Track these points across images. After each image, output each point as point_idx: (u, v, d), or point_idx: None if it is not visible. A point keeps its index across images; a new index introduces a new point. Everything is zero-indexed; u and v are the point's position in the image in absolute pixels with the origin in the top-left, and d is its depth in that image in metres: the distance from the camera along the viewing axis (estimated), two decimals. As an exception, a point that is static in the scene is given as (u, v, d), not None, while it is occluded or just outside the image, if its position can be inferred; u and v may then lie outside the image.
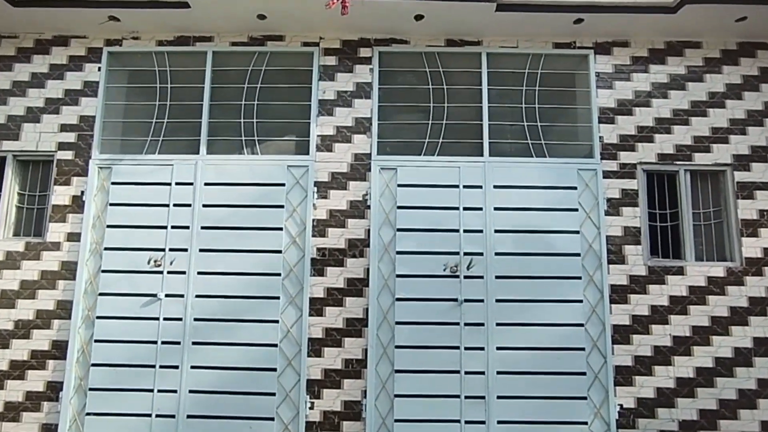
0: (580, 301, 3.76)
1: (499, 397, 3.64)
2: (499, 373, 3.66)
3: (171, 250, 3.84)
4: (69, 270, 3.87)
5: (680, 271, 3.86)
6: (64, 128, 4.09)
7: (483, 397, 3.64)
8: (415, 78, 4.14)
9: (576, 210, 3.88)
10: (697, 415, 3.68)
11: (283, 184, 3.92)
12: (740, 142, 4.01)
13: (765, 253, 3.88)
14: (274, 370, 3.68)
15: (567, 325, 3.73)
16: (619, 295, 3.82)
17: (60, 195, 3.99)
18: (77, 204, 3.96)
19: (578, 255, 3.81)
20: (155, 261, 3.82)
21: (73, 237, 3.91)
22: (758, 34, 4.07)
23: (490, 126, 4.03)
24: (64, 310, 3.82)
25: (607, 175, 3.97)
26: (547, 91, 4.13)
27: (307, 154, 3.99)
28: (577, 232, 3.85)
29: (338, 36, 4.14)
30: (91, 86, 4.15)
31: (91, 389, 3.66)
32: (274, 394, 3.66)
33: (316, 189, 3.92)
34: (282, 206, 3.89)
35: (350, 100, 4.05)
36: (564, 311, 3.74)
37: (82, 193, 3.96)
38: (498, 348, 3.69)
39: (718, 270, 3.86)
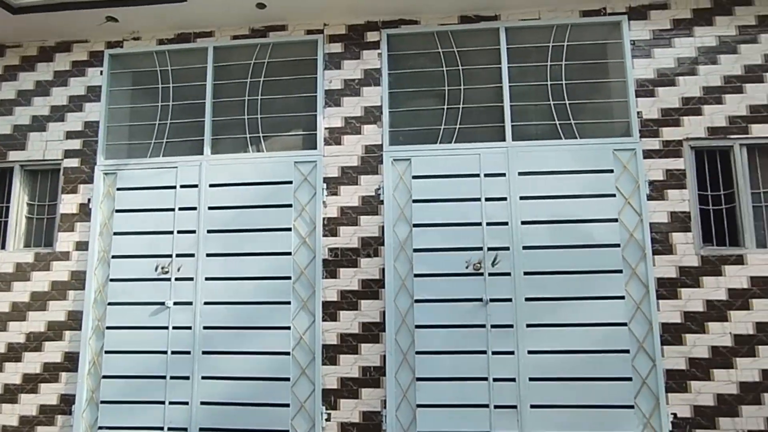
0: (622, 298, 3.46)
1: (532, 407, 3.40)
2: (531, 379, 3.42)
3: (178, 255, 3.80)
4: (79, 280, 3.89)
5: (739, 260, 3.49)
6: (69, 135, 4.13)
7: (515, 407, 3.40)
8: (427, 60, 3.94)
9: (613, 195, 3.58)
10: (765, 424, 3.31)
11: (291, 182, 3.81)
12: (806, 109, 3.59)
13: (841, 236, 3.45)
14: (288, 379, 3.58)
15: (607, 325, 3.44)
16: (667, 289, 3.49)
17: (68, 203, 4.03)
18: (84, 212, 3.99)
19: (618, 246, 3.51)
20: (162, 268, 3.79)
21: (82, 246, 3.94)
22: (823, -16, 3.64)
23: (512, 107, 3.78)
24: (75, 320, 3.85)
25: (648, 154, 3.64)
26: (576, 65, 3.84)
27: (315, 148, 3.86)
28: (616, 220, 3.54)
29: (343, 21, 3.99)
30: (95, 91, 4.18)
31: (102, 402, 3.67)
32: (288, 405, 3.55)
33: (325, 185, 3.78)
34: (290, 205, 3.77)
35: (358, 88, 3.90)
36: (603, 309, 3.45)
37: (89, 200, 3.98)
38: (529, 352, 3.44)
39: (784, 257, 3.47)
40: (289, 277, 3.69)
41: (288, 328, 3.63)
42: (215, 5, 3.81)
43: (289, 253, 3.72)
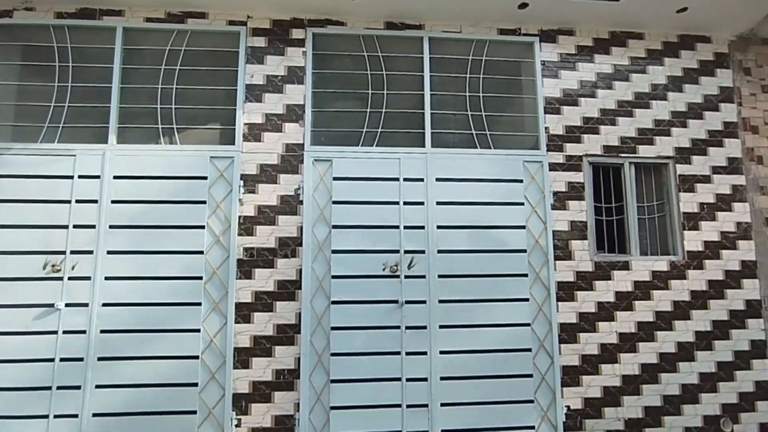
0: (527, 300, 3.72)
1: (443, 405, 3.53)
2: (442, 378, 3.56)
3: (73, 252, 3.46)
4: (-53, 278, 3.40)
5: (626, 266, 3.90)
6: (-59, 112, 3.61)
7: (426, 405, 3.51)
8: (352, 63, 3.97)
9: (522, 204, 3.84)
10: (642, 412, 3.73)
11: (206, 178, 3.64)
12: (681, 135, 4.11)
13: (705, 246, 3.99)
14: (196, 385, 3.39)
15: (513, 326, 3.68)
16: (565, 292, 3.81)
17: (-64, 190, 3.51)
18: (-43, 201, 3.50)
19: (524, 251, 3.77)
20: (53, 266, 3.43)
21: (-48, 239, 3.45)
22: (698, 27, 4.20)
23: (433, 115, 3.93)
24: (-61, 325, 3.35)
25: (553, 167, 3.96)
26: (492, 79, 4.07)
27: (233, 144, 3.72)
28: (523, 227, 3.80)
29: (268, 15, 3.90)
30: (-25, 63, 3.68)
31: (-28, 418, 3.23)
32: (195, 412, 3.37)
33: (242, 183, 3.66)
34: (204, 202, 3.60)
35: (281, 85, 3.82)
36: (510, 311, 3.69)
37: (-37, 187, 3.50)
38: (441, 352, 3.59)
39: (661, 264, 3.94)
40: (200, 277, 3.51)
41: (198, 330, 3.46)
42: (126, -17, 3.55)
43: (201, 252, 3.54)
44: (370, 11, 3.88)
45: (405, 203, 3.72)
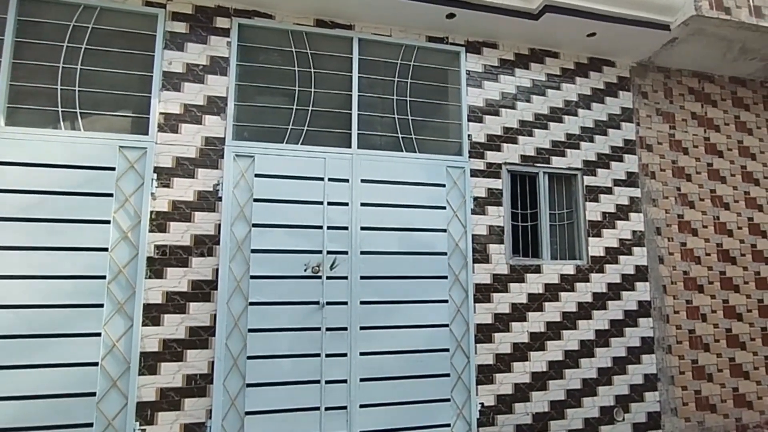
0: (446, 301, 3.85)
1: (361, 406, 3.56)
2: (362, 380, 3.58)
3: (-54, 247, 3.05)
4: None
5: (538, 270, 4.18)
6: None
7: (345, 408, 3.52)
8: (280, 58, 3.89)
9: (444, 208, 3.98)
10: (548, 406, 4.00)
11: (113, 168, 3.37)
12: (589, 149, 4.49)
13: (606, 251, 4.38)
14: (93, 394, 3.13)
15: (432, 326, 3.80)
16: (482, 294, 4.00)
17: None
18: None
19: (445, 254, 3.91)
20: None
21: None
22: (604, 51, 4.62)
23: (360, 116, 3.96)
24: None
25: (474, 173, 4.14)
26: (420, 84, 4.18)
27: (146, 134, 3.49)
28: (445, 231, 3.94)
29: (190, 0, 3.70)
30: None
31: None
32: (91, 425, 3.11)
33: (156, 176, 3.45)
34: (111, 195, 3.34)
35: (202, 75, 3.65)
36: (430, 312, 3.80)
37: None
38: (361, 353, 3.61)
39: (569, 268, 4.26)
40: (103, 277, 3.25)
41: (98, 334, 3.19)
42: (24, -51, 3.20)
43: (105, 249, 3.28)
44: (300, 6, 3.82)
45: (329, 203, 3.70)
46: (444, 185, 4.01)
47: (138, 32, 3.61)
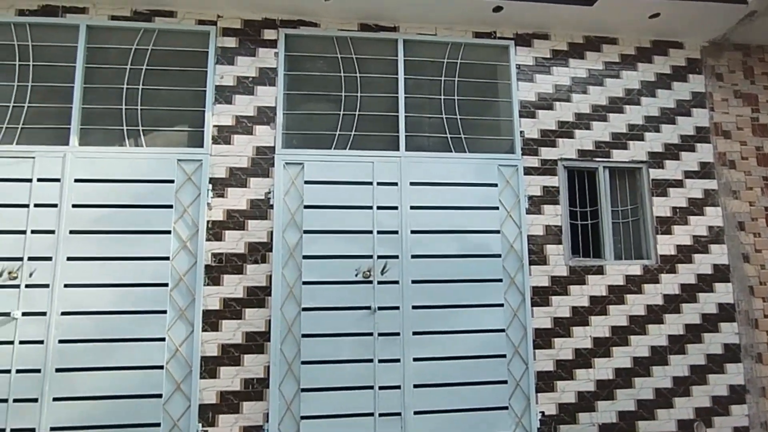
0: (501, 305, 3.71)
1: (416, 413, 3.50)
2: (416, 386, 3.53)
3: (31, 259, 3.35)
4: None
5: (600, 271, 3.92)
6: None
7: (399, 414, 3.47)
8: (325, 65, 3.93)
9: (497, 208, 3.83)
10: (616, 417, 3.74)
11: (172, 181, 3.55)
12: (654, 140, 4.16)
13: (677, 250, 4.03)
14: (160, 396, 3.30)
15: (488, 331, 3.67)
16: (540, 297, 3.81)
17: None
18: None
19: (499, 256, 3.76)
20: (9, 273, 3.31)
21: None
22: (670, 33, 4.26)
23: (407, 118, 3.90)
24: None
25: (528, 171, 3.96)
26: (467, 82, 4.07)
27: (201, 146, 3.64)
28: (498, 232, 3.79)
29: (239, 15, 3.83)
30: (-70, 61, 3.54)
31: None
32: (159, 425, 3.28)
33: (211, 186, 3.58)
34: (170, 206, 3.52)
35: (252, 87, 3.76)
36: (484, 316, 3.67)
37: None
38: (415, 359, 3.55)
39: (635, 268, 3.97)
40: (166, 284, 3.42)
41: (162, 339, 3.36)
42: (90, -20, 3.45)
43: (167, 258, 3.45)
44: (344, 12, 3.84)
45: (378, 208, 3.68)
46: (496, 185, 3.86)
47: (192, 50, 3.78)
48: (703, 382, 3.87)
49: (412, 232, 3.69)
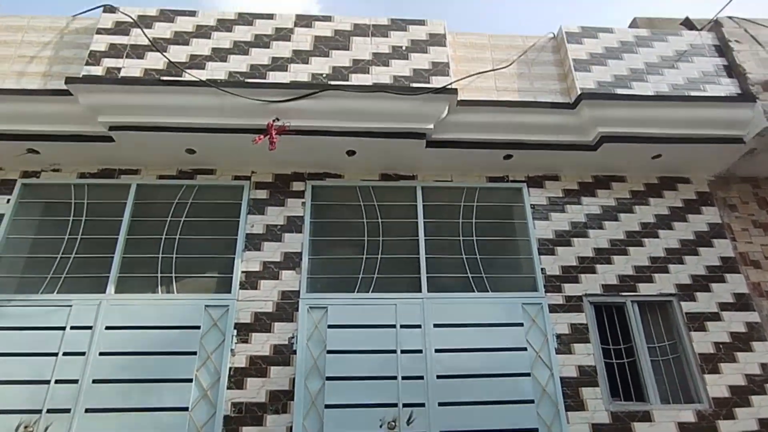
0: (541, 460, 3.36)
1: None
2: None
3: (50, 411, 3.29)
4: None
5: (647, 417, 3.60)
6: (-49, 266, 3.76)
7: None
8: (349, 212, 4.21)
9: (525, 349, 3.70)
10: None
11: (198, 327, 3.60)
12: (680, 272, 4.12)
13: (731, 391, 3.71)
14: None
15: (528, 492, 3.26)
16: (583, 449, 3.45)
17: (-74, 345, 3.48)
18: (-56, 356, 3.45)
19: (532, 402, 3.52)
20: (26, 427, 3.24)
21: (-71, 399, 3.32)
22: (675, 169, 4.49)
23: (428, 260, 4.01)
24: None
25: (553, 308, 3.90)
26: (485, 223, 4.25)
27: (229, 292, 3.76)
28: (529, 375, 3.61)
29: (271, 170, 4.25)
30: (-6, 220, 3.94)
31: None
32: None
33: (235, 332, 3.62)
34: (195, 353, 3.52)
35: (280, 234, 4.00)
36: (523, 474, 3.31)
37: (-46, 342, 3.48)
38: None
39: (687, 414, 3.63)
40: (181, 439, 3.27)
41: (172, 505, 3.10)
42: (145, 148, 3.95)
43: (185, 409, 3.35)
44: (365, 165, 4.23)
45: (402, 351, 3.60)
46: (522, 324, 3.78)
47: (227, 202, 4.13)
48: None
49: (438, 377, 3.54)
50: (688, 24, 4.75)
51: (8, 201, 4.02)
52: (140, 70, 3.77)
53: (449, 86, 3.84)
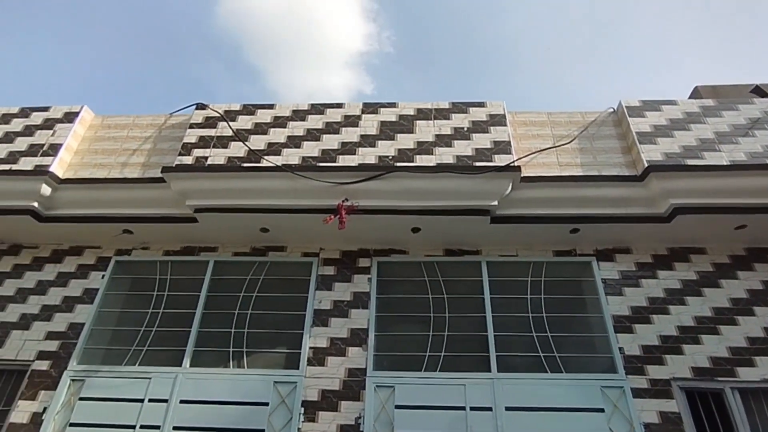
0: None
1: None
2: None
3: (124, 487, 3.36)
4: None
5: None
6: (49, 336, 4.13)
7: None
8: (414, 287, 4.23)
9: (609, 439, 3.38)
10: None
11: (267, 404, 3.63)
12: (786, 355, 3.69)
13: None
14: None
15: None
16: None
17: (21, 411, 3.76)
18: (35, 422, 3.68)
19: (623, 503, 3.15)
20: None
21: (20, 465, 3.51)
22: (764, 240, 4.16)
23: (496, 337, 3.89)
24: None
25: (637, 393, 3.59)
26: (554, 299, 4.11)
27: (297, 368, 3.81)
28: (616, 470, 3.26)
29: (338, 247, 4.42)
30: (91, 293, 4.32)
31: None
32: None
33: (303, 410, 3.60)
34: (263, 431, 3.51)
35: (347, 310, 4.07)
36: None
37: (44, 410, 3.72)
38: None
39: None
40: None
41: None
42: (223, 227, 4.28)
43: (251, 493, 3.30)
44: (429, 241, 4.30)
45: (473, 437, 3.41)
46: (603, 410, 3.50)
47: (296, 278, 4.30)
48: None
49: (514, 468, 3.29)
50: (759, 92, 4.65)
51: (103, 276, 4.42)
52: (224, 158, 4.18)
53: (512, 164, 3.93)
